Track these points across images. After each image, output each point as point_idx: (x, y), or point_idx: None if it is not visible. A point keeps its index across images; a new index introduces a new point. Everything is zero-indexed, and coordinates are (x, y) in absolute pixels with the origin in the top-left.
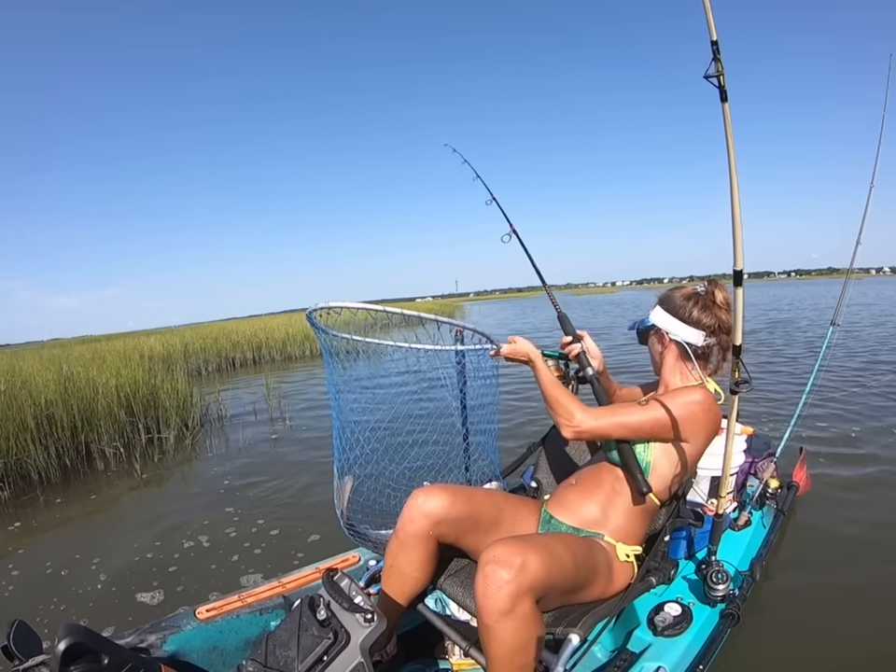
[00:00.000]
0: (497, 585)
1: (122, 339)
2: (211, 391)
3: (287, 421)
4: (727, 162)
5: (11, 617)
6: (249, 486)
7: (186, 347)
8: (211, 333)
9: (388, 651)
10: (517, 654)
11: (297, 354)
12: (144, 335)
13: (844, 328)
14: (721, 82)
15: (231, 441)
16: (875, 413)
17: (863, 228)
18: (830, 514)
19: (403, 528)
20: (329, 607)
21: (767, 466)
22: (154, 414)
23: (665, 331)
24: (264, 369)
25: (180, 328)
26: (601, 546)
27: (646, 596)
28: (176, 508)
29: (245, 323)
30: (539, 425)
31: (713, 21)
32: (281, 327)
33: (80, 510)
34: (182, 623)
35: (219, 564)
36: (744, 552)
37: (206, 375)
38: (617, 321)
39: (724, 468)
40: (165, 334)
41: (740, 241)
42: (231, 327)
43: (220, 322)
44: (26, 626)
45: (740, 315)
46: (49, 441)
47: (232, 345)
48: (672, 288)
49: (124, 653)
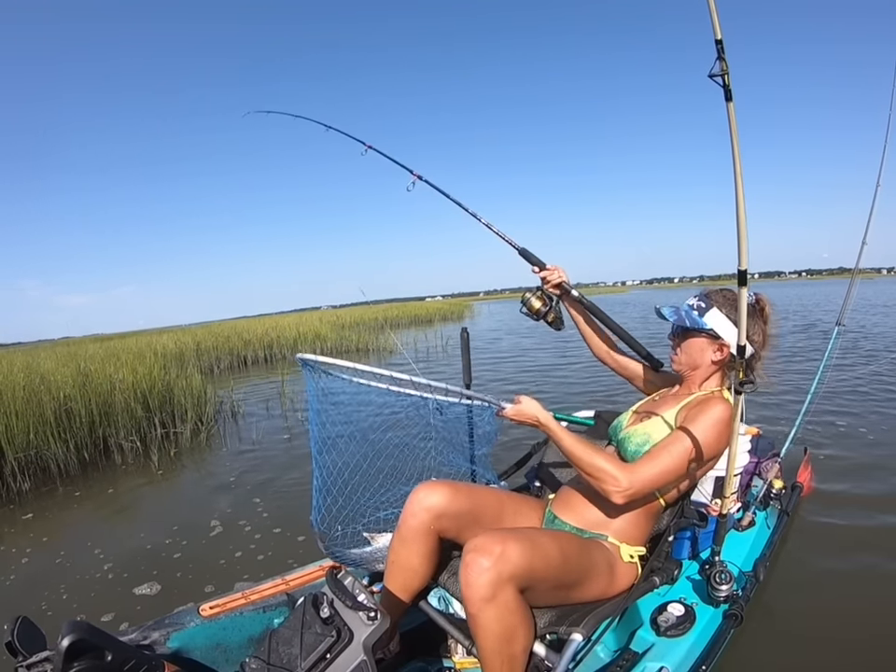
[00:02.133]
0: (476, 573)
1: (134, 337)
2: (224, 388)
3: (300, 417)
4: (731, 162)
5: (17, 605)
6: (263, 482)
7: (198, 345)
8: (223, 332)
9: (391, 648)
10: (504, 643)
11: (308, 352)
12: (156, 333)
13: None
14: (725, 81)
15: (245, 436)
16: (881, 414)
17: (869, 228)
18: (834, 515)
19: (405, 523)
20: (333, 605)
21: (772, 466)
22: (170, 410)
23: (726, 341)
24: (276, 367)
25: (192, 326)
26: (603, 546)
27: (649, 596)
28: (190, 501)
29: (256, 322)
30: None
31: (717, 19)
32: (292, 325)
33: (97, 502)
34: (186, 620)
35: (227, 559)
36: (748, 552)
37: (218, 373)
38: (628, 323)
39: (729, 468)
40: (178, 333)
41: (745, 240)
42: (243, 325)
43: (232, 321)
44: (30, 622)
45: (744, 314)
46: (69, 434)
47: (244, 344)
48: (721, 290)
49: (127, 650)
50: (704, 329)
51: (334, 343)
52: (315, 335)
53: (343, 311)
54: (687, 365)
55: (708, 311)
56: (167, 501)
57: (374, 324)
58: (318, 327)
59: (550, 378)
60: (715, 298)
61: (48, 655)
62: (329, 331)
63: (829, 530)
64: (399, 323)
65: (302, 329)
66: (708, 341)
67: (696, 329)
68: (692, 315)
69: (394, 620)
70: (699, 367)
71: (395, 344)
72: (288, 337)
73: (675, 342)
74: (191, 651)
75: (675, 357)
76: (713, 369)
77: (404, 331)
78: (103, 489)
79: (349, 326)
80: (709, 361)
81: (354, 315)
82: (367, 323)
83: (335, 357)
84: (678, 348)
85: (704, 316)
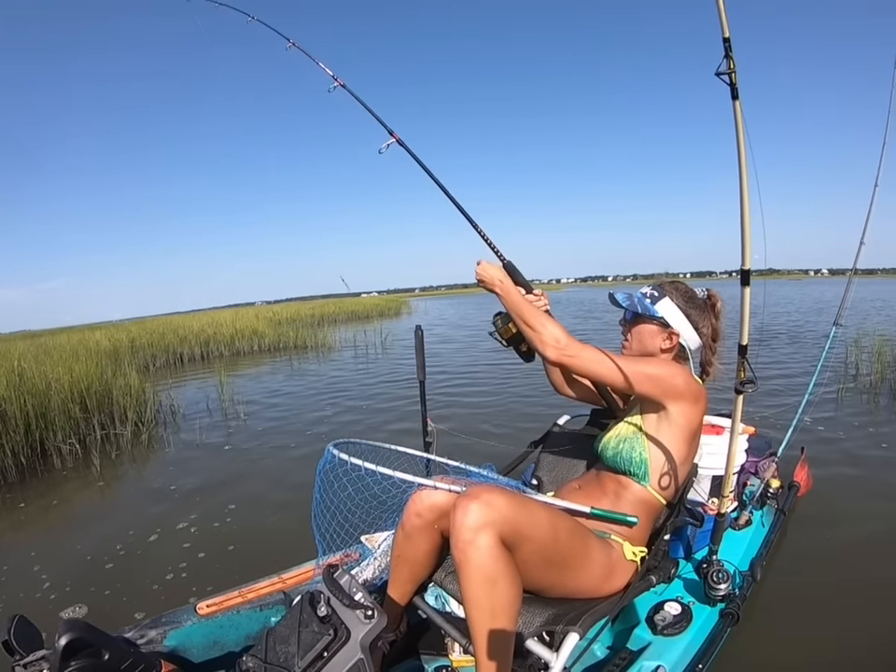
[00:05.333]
0: (462, 513)
1: (65, 334)
2: (163, 387)
3: (241, 416)
4: (737, 160)
5: None
6: (206, 486)
7: (133, 342)
8: (157, 328)
9: (402, 630)
10: (485, 589)
11: (245, 349)
12: (88, 330)
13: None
14: (732, 79)
15: (186, 437)
16: (879, 413)
17: (867, 228)
18: (831, 515)
19: (409, 520)
20: (330, 603)
21: (769, 465)
22: (108, 410)
23: (676, 330)
24: (213, 364)
25: (124, 322)
26: (606, 542)
27: (646, 595)
28: (131, 509)
29: (190, 318)
30: (540, 421)
31: (726, 18)
32: (228, 322)
33: (38, 511)
34: (182, 619)
35: (164, 576)
36: (744, 551)
37: (154, 371)
38: (565, 322)
39: (727, 466)
40: (111, 329)
41: (749, 240)
42: (178, 321)
43: (164, 316)
44: (27, 621)
45: (747, 314)
46: (4, 439)
47: (180, 341)
48: (673, 282)
49: (124, 648)
50: (655, 316)
51: (272, 340)
52: (252, 332)
53: (279, 306)
54: (637, 350)
55: (661, 300)
56: (109, 509)
57: (311, 320)
58: (255, 323)
59: (497, 369)
60: (668, 289)
61: (45, 654)
62: (267, 328)
63: (826, 530)
64: (337, 319)
65: (239, 325)
66: (659, 328)
67: (648, 316)
68: (644, 302)
69: (399, 610)
70: (648, 353)
71: (333, 341)
72: (225, 334)
73: (626, 327)
74: (188, 650)
75: (625, 343)
76: (663, 357)
77: (342, 328)
78: (44, 497)
79: (286, 322)
80: (658, 349)
81: (290, 310)
82: (303, 319)
83: (274, 354)
84: (628, 333)
85: (656, 305)
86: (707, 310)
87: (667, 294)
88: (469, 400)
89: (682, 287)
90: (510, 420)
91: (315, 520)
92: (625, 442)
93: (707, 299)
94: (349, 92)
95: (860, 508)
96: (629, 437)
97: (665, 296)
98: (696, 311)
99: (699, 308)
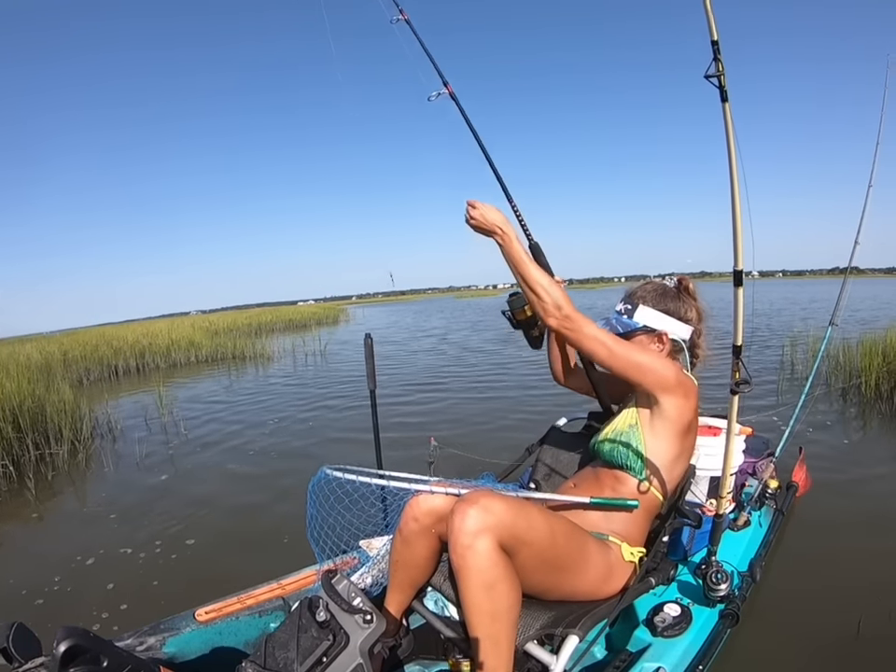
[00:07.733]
0: (460, 518)
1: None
2: (98, 402)
3: (181, 430)
4: (727, 162)
5: None
6: (147, 504)
7: (65, 355)
8: (90, 340)
9: (401, 635)
10: (484, 594)
11: (182, 360)
12: (18, 342)
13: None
14: (721, 82)
15: (126, 454)
16: (875, 414)
17: (862, 227)
18: (829, 515)
19: (406, 525)
20: (329, 608)
21: (767, 466)
22: (42, 428)
23: (664, 331)
24: (150, 377)
25: (55, 334)
26: (604, 543)
27: (645, 597)
28: (70, 532)
29: (124, 328)
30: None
31: (714, 20)
32: (164, 332)
33: None
34: (181, 625)
35: (100, 608)
36: (743, 552)
37: (88, 385)
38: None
39: (725, 467)
40: (41, 341)
41: (741, 241)
42: (111, 332)
43: (97, 327)
44: (25, 628)
45: (741, 315)
46: None
47: (114, 353)
48: (641, 287)
49: (123, 655)
50: (637, 328)
51: (209, 350)
52: (188, 342)
53: (215, 316)
54: None
55: (636, 310)
56: (45, 535)
57: (248, 329)
58: (191, 333)
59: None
60: (638, 295)
61: (43, 661)
62: (203, 338)
63: (824, 530)
64: (274, 328)
65: (175, 335)
66: (647, 336)
67: (632, 331)
68: (622, 321)
69: (399, 615)
70: None
71: (272, 351)
72: (161, 345)
73: None
74: (187, 656)
75: None
76: None
77: (280, 337)
78: None
79: (223, 332)
80: (657, 352)
81: (226, 320)
82: (240, 329)
83: (212, 365)
84: None
85: (633, 317)
86: (682, 296)
87: (639, 301)
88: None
89: (650, 287)
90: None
91: (311, 534)
92: (622, 436)
93: (677, 285)
94: (411, 30)
95: (859, 508)
96: (625, 431)
97: (638, 304)
98: (673, 302)
99: (675, 298)
